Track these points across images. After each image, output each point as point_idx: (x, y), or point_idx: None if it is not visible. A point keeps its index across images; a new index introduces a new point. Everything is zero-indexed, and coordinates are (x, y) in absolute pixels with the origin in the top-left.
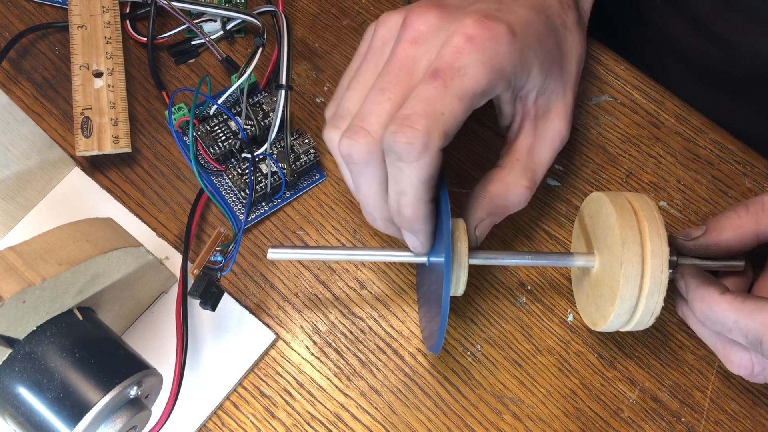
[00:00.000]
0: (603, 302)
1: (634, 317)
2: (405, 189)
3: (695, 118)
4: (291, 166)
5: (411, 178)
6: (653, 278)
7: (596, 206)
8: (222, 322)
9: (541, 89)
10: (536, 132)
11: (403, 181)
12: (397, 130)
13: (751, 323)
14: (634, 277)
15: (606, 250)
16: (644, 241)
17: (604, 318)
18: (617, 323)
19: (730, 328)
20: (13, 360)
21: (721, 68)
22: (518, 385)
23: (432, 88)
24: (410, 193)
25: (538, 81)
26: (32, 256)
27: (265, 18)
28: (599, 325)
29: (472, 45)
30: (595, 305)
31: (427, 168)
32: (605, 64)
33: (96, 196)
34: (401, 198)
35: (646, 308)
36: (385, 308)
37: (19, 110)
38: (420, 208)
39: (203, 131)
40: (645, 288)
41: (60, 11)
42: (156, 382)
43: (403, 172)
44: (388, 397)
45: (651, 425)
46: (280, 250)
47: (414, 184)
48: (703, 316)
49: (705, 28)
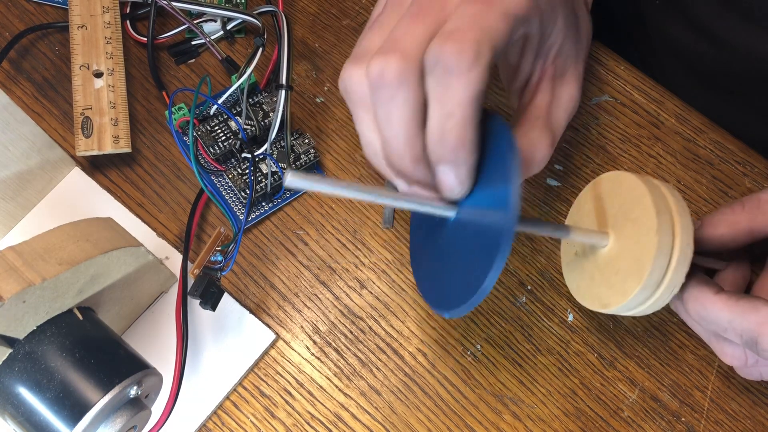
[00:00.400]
0: (621, 278)
1: (656, 292)
2: (452, 110)
3: (695, 118)
4: (291, 166)
5: (460, 95)
6: (681, 251)
7: (614, 183)
8: (222, 322)
9: (560, 49)
10: (554, 93)
11: (450, 100)
12: (445, 41)
13: (745, 323)
14: (666, 246)
15: (629, 225)
16: (674, 214)
17: (624, 294)
18: (638, 299)
19: (724, 327)
20: (13, 360)
21: (720, 68)
22: (518, 385)
23: (474, 6)
24: (458, 113)
25: (560, 36)
26: (32, 256)
27: (265, 18)
28: (614, 303)
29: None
30: (607, 285)
31: (478, 82)
32: (605, 64)
33: (96, 196)
34: (447, 121)
35: (669, 283)
36: (385, 308)
37: (19, 110)
38: (468, 132)
39: (203, 131)
40: (673, 261)
41: (60, 11)
42: (156, 382)
43: (451, 89)
44: (388, 397)
45: (651, 425)
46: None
47: (463, 103)
48: (697, 316)
49: (704, 28)
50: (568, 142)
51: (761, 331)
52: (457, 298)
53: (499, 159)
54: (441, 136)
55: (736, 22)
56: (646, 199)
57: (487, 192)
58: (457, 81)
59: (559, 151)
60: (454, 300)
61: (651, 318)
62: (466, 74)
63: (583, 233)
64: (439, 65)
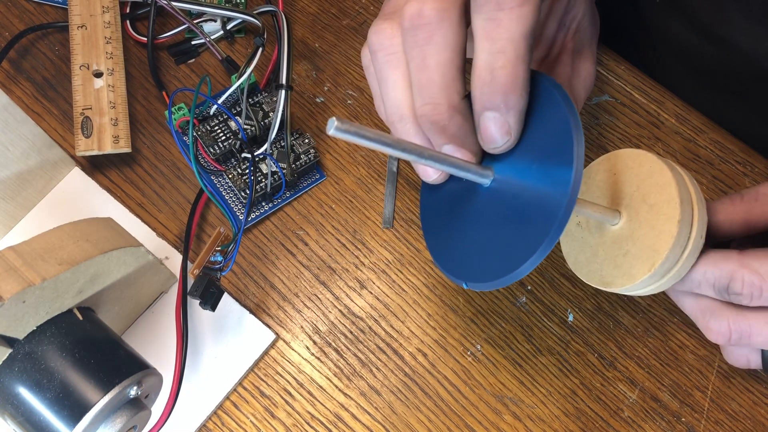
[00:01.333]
0: (629, 261)
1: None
2: (504, 46)
3: (695, 118)
4: (291, 166)
5: (512, 30)
6: (695, 242)
7: (634, 162)
8: (222, 322)
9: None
10: (573, 66)
11: (502, 35)
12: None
13: (717, 271)
14: (683, 237)
15: (645, 208)
16: (694, 204)
17: (631, 278)
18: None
19: (699, 281)
20: (13, 360)
21: (721, 68)
22: (518, 385)
23: None
24: (510, 50)
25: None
26: (32, 256)
27: (265, 18)
28: (618, 284)
29: None
30: (613, 264)
31: (531, 17)
32: (605, 64)
33: (96, 196)
34: (497, 59)
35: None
36: (385, 308)
37: (19, 110)
38: (520, 72)
39: (203, 131)
40: (687, 252)
41: (60, 11)
42: (156, 382)
43: (503, 24)
44: (388, 397)
45: (651, 425)
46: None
47: (516, 38)
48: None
49: (704, 27)
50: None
51: (733, 276)
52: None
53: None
54: (491, 75)
55: (737, 20)
56: (671, 187)
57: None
58: (509, 15)
59: None
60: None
61: (651, 318)
62: (519, 8)
63: (594, 208)
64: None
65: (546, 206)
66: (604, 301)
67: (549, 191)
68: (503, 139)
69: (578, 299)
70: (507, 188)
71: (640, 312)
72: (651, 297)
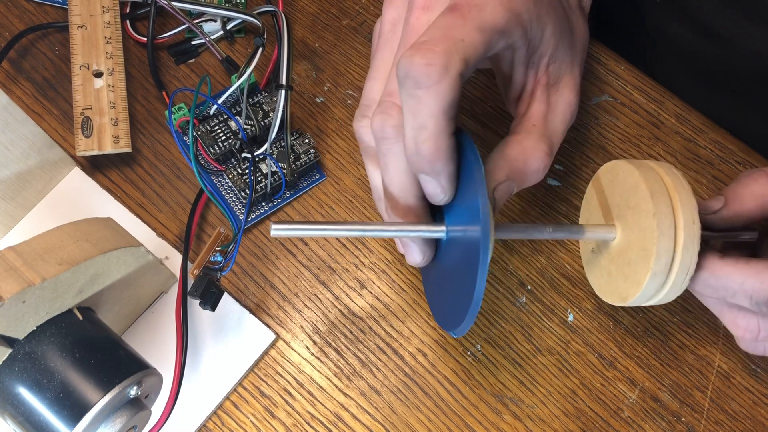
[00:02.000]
0: (633, 269)
1: (669, 277)
2: (424, 121)
3: (695, 118)
4: (291, 166)
5: (431, 106)
6: (686, 230)
7: (611, 174)
8: (222, 322)
9: (553, 55)
10: (549, 101)
11: (422, 112)
12: (414, 53)
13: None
14: (668, 227)
15: (630, 213)
16: (671, 193)
17: (638, 284)
18: (653, 286)
19: (734, 291)
20: (13, 360)
21: (721, 67)
22: (518, 385)
23: (450, 19)
24: (431, 125)
25: (551, 44)
26: (32, 256)
27: (265, 18)
28: (631, 294)
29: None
30: (623, 277)
31: (448, 94)
32: (605, 64)
33: (96, 196)
34: (420, 134)
35: (681, 264)
36: (385, 308)
37: (19, 110)
38: (442, 142)
39: (203, 131)
40: (680, 241)
41: (60, 11)
42: (156, 382)
43: (422, 101)
44: (388, 397)
45: (651, 425)
46: (283, 225)
47: (434, 114)
48: (704, 285)
49: (704, 27)
50: (568, 142)
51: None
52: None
53: (468, 171)
54: (416, 148)
55: (738, 19)
56: (640, 184)
57: (464, 206)
58: (426, 93)
59: (559, 151)
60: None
61: (651, 318)
62: (435, 86)
63: (591, 229)
64: (408, 78)
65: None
66: (604, 301)
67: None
68: (440, 195)
69: (578, 299)
70: (457, 234)
71: (640, 312)
72: None
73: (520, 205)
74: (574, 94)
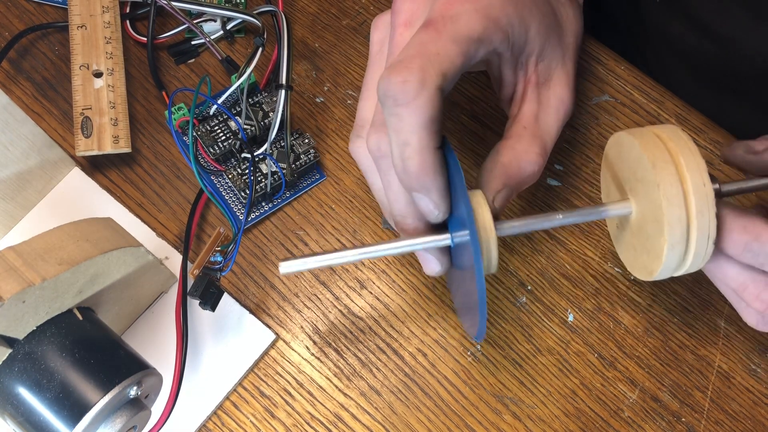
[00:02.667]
0: (652, 242)
1: (689, 245)
2: (407, 138)
3: (695, 118)
4: (291, 166)
5: (411, 123)
6: (697, 194)
7: (617, 148)
8: (222, 322)
9: (541, 54)
10: (540, 99)
11: (403, 130)
12: (390, 73)
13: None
14: (675, 196)
15: (639, 186)
16: (676, 158)
17: (658, 257)
18: (674, 258)
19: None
20: (13, 360)
21: (722, 67)
22: (518, 385)
23: (424, 34)
24: (414, 141)
25: (537, 43)
26: (32, 256)
27: (265, 18)
28: (656, 268)
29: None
30: (645, 250)
31: (427, 108)
32: (605, 64)
33: (96, 196)
34: (405, 150)
35: (699, 230)
36: (385, 308)
37: (19, 110)
38: (426, 158)
39: (203, 131)
40: (692, 207)
41: (60, 11)
42: (156, 382)
43: (403, 119)
44: (388, 397)
45: (651, 425)
46: (291, 262)
47: (416, 130)
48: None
49: (705, 26)
50: (568, 142)
51: None
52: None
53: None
54: (403, 165)
55: (741, 18)
56: (642, 155)
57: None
58: (406, 110)
59: (559, 151)
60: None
61: (651, 318)
62: (414, 102)
63: (608, 207)
64: (387, 97)
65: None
66: (604, 301)
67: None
68: (435, 212)
69: (578, 299)
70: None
71: (640, 312)
72: (651, 296)
73: (520, 205)
74: (566, 90)
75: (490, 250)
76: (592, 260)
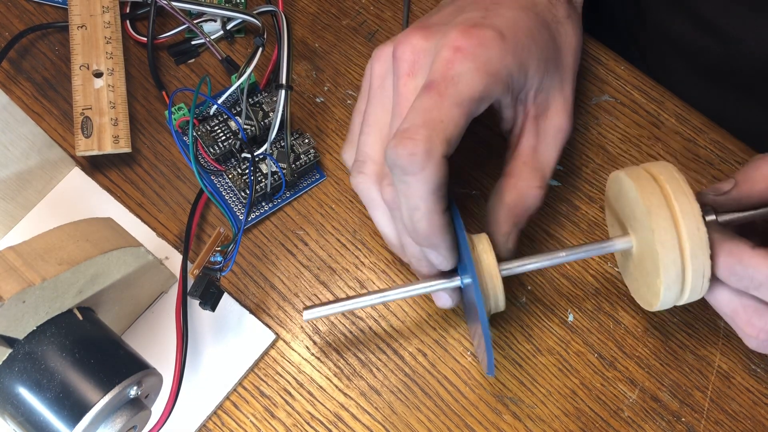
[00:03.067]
0: (651, 278)
1: (685, 285)
2: (416, 203)
3: (695, 118)
4: (291, 166)
5: (419, 190)
6: (691, 238)
7: (617, 186)
8: (222, 322)
9: (539, 87)
10: (538, 131)
11: (412, 196)
12: (398, 144)
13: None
14: (669, 241)
15: (638, 225)
16: (671, 203)
17: (656, 294)
18: (671, 296)
19: (760, 283)
20: (13, 360)
21: (724, 64)
22: (518, 385)
23: (427, 99)
24: (422, 206)
25: (535, 79)
26: (32, 256)
27: (265, 18)
28: (654, 303)
29: (461, 54)
30: (645, 285)
31: (434, 177)
32: (605, 64)
33: (96, 196)
34: (414, 214)
35: (694, 272)
36: (385, 308)
37: (19, 110)
38: (435, 220)
39: (203, 131)
40: (686, 250)
41: (60, 11)
42: (156, 382)
43: (411, 186)
44: (388, 397)
45: (651, 425)
46: (314, 310)
47: (424, 196)
48: (728, 272)
49: (707, 23)
50: (569, 142)
51: None
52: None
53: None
54: (413, 226)
55: (744, 15)
56: (638, 201)
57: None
58: (414, 179)
59: None
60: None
61: (651, 318)
62: (421, 173)
63: (610, 243)
64: (396, 167)
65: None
66: (604, 301)
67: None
68: (442, 265)
69: (578, 299)
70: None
71: (640, 312)
72: None
73: None
74: (564, 118)
75: (496, 293)
76: (592, 260)
